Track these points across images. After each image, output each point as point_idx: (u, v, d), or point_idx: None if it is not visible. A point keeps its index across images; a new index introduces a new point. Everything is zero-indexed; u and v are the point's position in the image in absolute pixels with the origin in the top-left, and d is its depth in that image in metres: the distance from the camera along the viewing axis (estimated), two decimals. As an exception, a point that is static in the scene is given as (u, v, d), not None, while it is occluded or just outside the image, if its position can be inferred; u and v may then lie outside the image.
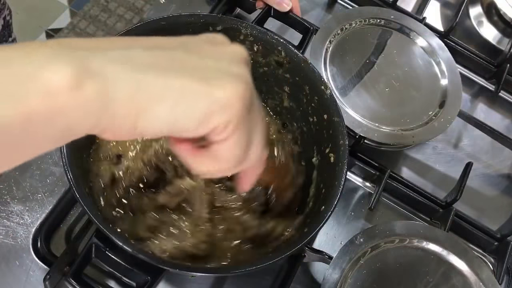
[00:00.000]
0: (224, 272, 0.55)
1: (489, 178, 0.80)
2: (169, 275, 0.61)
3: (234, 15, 0.81)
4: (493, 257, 0.73)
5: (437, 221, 0.73)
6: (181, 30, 0.62)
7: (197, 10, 0.80)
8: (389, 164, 0.74)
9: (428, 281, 0.61)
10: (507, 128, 0.85)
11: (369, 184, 0.75)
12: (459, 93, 0.77)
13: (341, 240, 0.68)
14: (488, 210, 0.77)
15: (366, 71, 0.77)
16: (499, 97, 0.88)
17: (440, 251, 0.63)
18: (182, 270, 0.52)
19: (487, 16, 0.95)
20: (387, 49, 0.80)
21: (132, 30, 0.59)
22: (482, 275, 0.62)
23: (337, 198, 0.55)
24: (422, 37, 0.81)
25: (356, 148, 0.72)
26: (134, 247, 0.49)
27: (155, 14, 0.79)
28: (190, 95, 0.31)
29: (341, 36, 0.78)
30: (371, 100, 0.74)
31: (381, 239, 0.62)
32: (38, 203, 0.62)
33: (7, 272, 0.58)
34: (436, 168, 0.79)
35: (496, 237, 0.72)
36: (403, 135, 0.72)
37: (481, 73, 0.89)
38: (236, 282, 0.63)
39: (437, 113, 0.74)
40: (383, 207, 0.73)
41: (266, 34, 0.63)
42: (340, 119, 0.60)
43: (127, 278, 0.56)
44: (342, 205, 0.72)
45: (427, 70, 0.79)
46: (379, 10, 0.82)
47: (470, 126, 0.83)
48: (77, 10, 1.92)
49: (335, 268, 0.60)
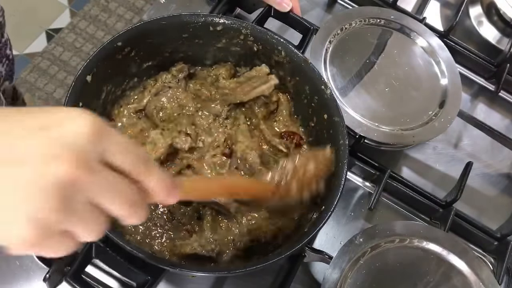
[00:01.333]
0: (224, 272, 0.54)
1: (489, 177, 0.80)
2: (169, 275, 0.61)
3: (234, 15, 0.81)
4: (493, 257, 0.73)
5: (437, 221, 0.73)
6: (181, 30, 0.62)
7: (197, 10, 0.80)
8: (389, 164, 0.74)
9: (428, 281, 0.61)
10: (507, 128, 0.85)
11: (369, 184, 0.75)
12: (459, 93, 0.77)
13: (341, 240, 0.68)
14: (488, 210, 0.77)
15: (366, 71, 0.77)
16: (499, 97, 0.88)
17: (440, 251, 0.63)
18: (182, 270, 0.52)
19: (487, 16, 0.95)
20: (387, 49, 0.80)
21: (132, 30, 0.59)
22: (482, 275, 0.62)
23: (337, 198, 0.55)
24: (422, 37, 0.81)
25: (356, 148, 0.72)
26: (134, 247, 0.49)
27: (155, 14, 0.79)
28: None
29: (341, 36, 0.78)
30: (371, 100, 0.74)
31: (381, 239, 0.62)
32: (38, 203, 0.61)
33: (7, 272, 0.58)
34: (436, 168, 0.79)
35: (496, 236, 0.72)
36: (403, 135, 0.72)
37: (481, 73, 0.89)
38: (236, 282, 0.63)
39: (437, 113, 0.74)
40: (383, 207, 0.73)
41: (266, 34, 0.63)
42: (340, 119, 0.60)
43: (127, 278, 0.56)
44: (342, 205, 0.72)
45: (427, 70, 0.79)
46: (379, 10, 0.82)
47: (470, 126, 0.83)
48: (77, 10, 1.92)
49: (335, 268, 0.60)
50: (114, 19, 1.93)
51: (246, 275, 0.64)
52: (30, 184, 0.31)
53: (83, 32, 1.88)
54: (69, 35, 1.87)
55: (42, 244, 0.33)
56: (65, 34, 1.87)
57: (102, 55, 0.57)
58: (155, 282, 0.52)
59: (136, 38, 0.60)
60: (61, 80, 1.79)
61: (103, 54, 0.57)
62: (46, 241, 0.33)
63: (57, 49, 1.84)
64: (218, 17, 0.63)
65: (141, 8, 1.97)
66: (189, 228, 0.59)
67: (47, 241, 0.33)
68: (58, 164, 0.32)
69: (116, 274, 0.58)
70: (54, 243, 0.34)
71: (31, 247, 0.33)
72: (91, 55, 0.56)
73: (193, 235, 0.59)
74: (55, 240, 0.34)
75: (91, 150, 0.33)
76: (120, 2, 1.97)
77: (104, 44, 0.57)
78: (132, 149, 0.36)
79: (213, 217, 0.60)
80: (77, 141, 0.33)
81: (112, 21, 1.93)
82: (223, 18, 0.62)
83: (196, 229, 0.59)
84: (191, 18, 0.62)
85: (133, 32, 0.59)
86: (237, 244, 0.59)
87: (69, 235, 0.34)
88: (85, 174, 0.32)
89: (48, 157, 0.32)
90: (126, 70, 0.63)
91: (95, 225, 0.35)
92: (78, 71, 0.55)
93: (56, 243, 0.34)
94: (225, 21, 0.62)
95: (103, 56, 0.57)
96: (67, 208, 0.32)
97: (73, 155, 0.32)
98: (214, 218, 0.60)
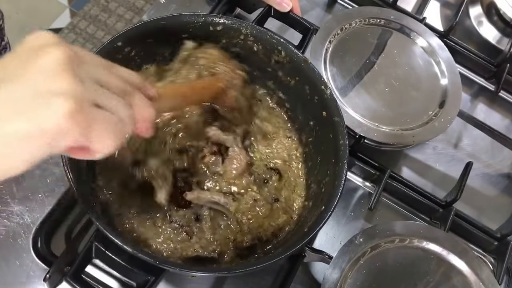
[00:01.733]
0: (224, 272, 0.55)
1: (489, 177, 0.80)
2: (169, 275, 0.61)
3: (234, 15, 0.81)
4: (493, 257, 0.73)
5: (437, 221, 0.73)
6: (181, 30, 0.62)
7: (197, 10, 0.80)
8: (389, 164, 0.74)
9: (428, 281, 0.61)
10: (507, 128, 0.85)
11: (369, 184, 0.75)
12: (459, 93, 0.77)
13: (341, 240, 0.68)
14: (488, 210, 0.77)
15: (366, 71, 0.77)
16: (499, 97, 0.88)
17: (440, 251, 0.63)
18: (182, 270, 0.52)
19: (487, 16, 0.95)
20: (387, 49, 0.80)
21: (132, 30, 0.59)
22: (482, 275, 0.62)
23: (337, 198, 0.55)
24: (422, 37, 0.81)
25: (356, 148, 0.72)
26: (134, 247, 0.49)
27: (155, 14, 0.79)
28: (20, 138, 0.34)
29: (341, 36, 0.78)
30: (371, 100, 0.74)
31: (381, 239, 0.62)
32: (38, 203, 0.61)
33: (7, 272, 0.58)
34: (436, 168, 0.79)
35: (496, 236, 0.72)
36: (403, 135, 0.72)
37: (481, 73, 0.89)
38: (236, 282, 0.63)
39: (437, 113, 0.74)
40: (383, 207, 0.73)
41: (266, 34, 0.63)
42: (340, 119, 0.60)
43: (127, 278, 0.56)
44: (342, 205, 0.72)
45: (427, 70, 0.79)
46: (379, 10, 0.82)
47: (470, 126, 0.84)
48: (77, 10, 1.92)
49: (335, 268, 0.60)
50: (114, 19, 1.93)
51: (246, 275, 0.64)
52: (42, 71, 0.35)
53: (83, 32, 1.88)
54: (69, 35, 1.87)
55: (87, 120, 0.35)
56: (65, 34, 1.87)
57: (102, 55, 0.57)
58: (155, 282, 0.52)
59: (136, 38, 0.60)
60: (61, 80, 1.79)
61: (103, 54, 0.57)
62: (88, 116, 0.35)
63: (57, 49, 1.84)
64: (218, 17, 0.63)
65: (141, 8, 1.97)
66: (188, 230, 0.59)
67: (88, 116, 0.35)
68: (55, 50, 0.35)
69: (116, 274, 0.58)
70: (98, 123, 0.36)
71: (78, 126, 0.34)
72: (91, 55, 0.56)
73: (193, 237, 0.59)
74: (96, 118, 0.36)
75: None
76: (120, 2, 1.97)
77: (104, 44, 0.57)
78: (112, 69, 0.41)
79: (211, 218, 0.60)
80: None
81: (112, 21, 1.93)
82: (223, 18, 0.62)
83: (195, 231, 0.59)
84: (191, 18, 0.62)
85: (133, 32, 0.59)
86: (238, 244, 0.59)
87: (105, 115, 0.37)
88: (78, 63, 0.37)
89: (41, 49, 0.36)
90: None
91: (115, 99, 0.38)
92: (78, 71, 0.55)
93: (99, 123, 0.36)
94: (225, 21, 0.62)
95: (103, 56, 0.57)
96: (82, 79, 0.36)
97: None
98: (212, 219, 0.60)
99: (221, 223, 0.60)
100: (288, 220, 0.62)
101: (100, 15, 1.93)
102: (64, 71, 0.35)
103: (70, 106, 0.34)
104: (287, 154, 0.67)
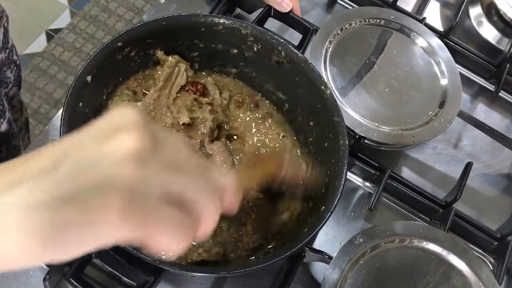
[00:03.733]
0: (224, 272, 0.54)
1: (489, 178, 0.80)
2: (169, 275, 0.61)
3: (234, 15, 0.81)
4: (493, 257, 0.73)
5: (437, 221, 0.73)
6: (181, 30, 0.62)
7: (197, 10, 0.80)
8: (389, 164, 0.74)
9: (428, 281, 0.61)
10: (507, 128, 0.85)
11: (369, 184, 0.75)
12: (459, 93, 0.77)
13: (341, 240, 0.68)
14: (488, 210, 0.77)
15: (366, 71, 0.77)
16: (499, 97, 0.88)
17: (440, 251, 0.63)
18: (182, 270, 0.52)
19: (487, 16, 0.95)
20: (387, 49, 0.80)
21: (132, 30, 0.59)
22: (482, 275, 0.62)
23: (337, 198, 0.55)
24: (422, 37, 0.81)
25: (356, 148, 0.72)
26: (134, 247, 0.49)
27: (155, 14, 0.79)
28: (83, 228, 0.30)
29: (341, 36, 0.78)
30: (371, 100, 0.74)
31: (381, 239, 0.62)
32: (38, 203, 0.61)
33: (7, 272, 0.58)
34: (436, 168, 0.79)
35: (496, 237, 0.72)
36: (403, 135, 0.72)
37: (481, 73, 0.89)
38: (236, 282, 0.63)
39: (437, 113, 0.74)
40: (383, 207, 0.73)
41: (266, 34, 0.63)
42: (340, 119, 0.60)
43: (127, 278, 0.56)
44: (342, 205, 0.72)
45: (427, 70, 0.79)
46: (379, 10, 0.82)
47: (470, 126, 0.83)
48: (77, 10, 1.92)
49: (335, 268, 0.60)
50: (114, 19, 1.94)
51: (246, 276, 0.64)
52: (108, 156, 0.31)
53: (83, 32, 1.89)
54: (69, 35, 1.87)
55: (142, 217, 0.31)
56: (65, 34, 1.87)
57: (102, 55, 0.57)
58: (155, 282, 0.52)
59: (136, 39, 0.60)
60: (61, 80, 1.79)
61: (103, 54, 0.57)
62: (145, 213, 0.31)
63: (57, 49, 1.84)
64: (218, 17, 0.63)
65: (141, 8, 1.97)
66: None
67: (146, 212, 0.32)
68: (128, 135, 0.32)
69: (116, 274, 0.58)
70: (160, 218, 0.32)
71: (130, 223, 0.31)
72: (91, 55, 0.56)
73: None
74: (158, 212, 0.32)
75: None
76: (120, 2, 1.97)
77: (104, 45, 0.57)
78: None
79: None
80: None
81: (112, 21, 1.93)
82: (223, 18, 0.62)
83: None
84: (191, 18, 0.62)
85: (133, 32, 0.59)
86: (244, 245, 0.59)
87: (169, 212, 0.33)
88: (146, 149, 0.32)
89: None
90: (126, 70, 0.63)
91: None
92: (78, 71, 0.55)
93: (162, 217, 0.32)
94: (225, 21, 0.62)
95: (103, 57, 0.57)
96: (144, 170, 0.32)
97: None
98: None
99: (222, 225, 0.60)
100: (290, 219, 0.62)
101: (100, 15, 1.93)
102: (130, 161, 0.31)
103: (124, 200, 0.31)
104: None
